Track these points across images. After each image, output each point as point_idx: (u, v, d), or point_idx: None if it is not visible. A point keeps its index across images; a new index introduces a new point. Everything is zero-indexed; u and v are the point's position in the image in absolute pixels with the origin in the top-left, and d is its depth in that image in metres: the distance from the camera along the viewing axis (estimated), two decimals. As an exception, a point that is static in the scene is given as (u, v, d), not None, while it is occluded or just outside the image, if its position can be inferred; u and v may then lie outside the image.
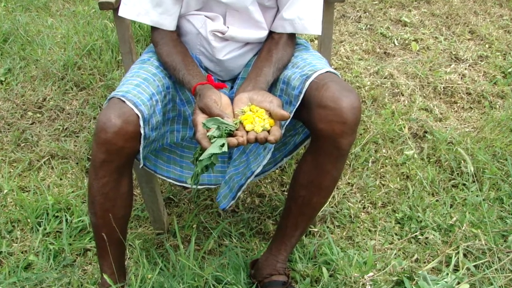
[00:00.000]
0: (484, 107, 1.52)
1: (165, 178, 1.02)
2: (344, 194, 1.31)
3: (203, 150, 0.76)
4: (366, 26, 1.93)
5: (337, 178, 0.91)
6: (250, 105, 0.83)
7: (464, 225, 1.12)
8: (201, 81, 0.87)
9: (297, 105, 0.84)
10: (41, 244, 1.11)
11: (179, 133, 1.00)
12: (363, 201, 1.29)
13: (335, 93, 0.80)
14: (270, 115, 0.81)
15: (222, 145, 0.73)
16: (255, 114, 0.81)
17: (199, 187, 1.00)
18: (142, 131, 0.82)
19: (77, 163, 1.33)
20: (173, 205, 1.29)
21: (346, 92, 0.80)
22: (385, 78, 1.70)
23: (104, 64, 1.63)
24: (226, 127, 0.76)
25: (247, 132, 0.78)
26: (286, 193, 1.31)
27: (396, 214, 1.21)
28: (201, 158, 0.75)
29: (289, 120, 0.85)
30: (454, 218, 1.14)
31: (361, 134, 1.50)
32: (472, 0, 2.08)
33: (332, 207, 1.26)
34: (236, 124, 0.79)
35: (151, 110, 0.85)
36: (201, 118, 0.79)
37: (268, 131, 0.79)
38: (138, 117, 0.81)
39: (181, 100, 0.98)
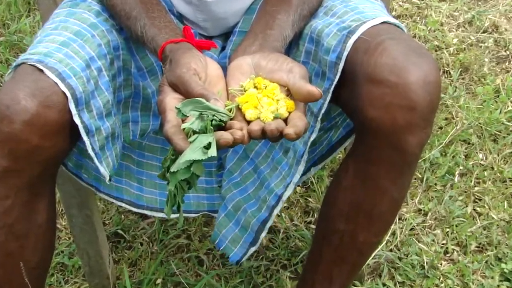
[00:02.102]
0: None
1: (112, 200, 1.06)
2: (411, 229, 1.31)
3: (177, 154, 0.79)
4: None
5: (400, 202, 0.93)
6: (255, 78, 0.85)
7: None
8: (173, 38, 0.88)
9: (336, 78, 0.87)
10: None
11: (136, 125, 1.03)
12: (444, 242, 1.29)
13: (397, 58, 0.82)
14: (289, 93, 0.83)
15: (208, 146, 0.75)
16: (263, 93, 0.83)
17: (172, 215, 1.04)
18: (77, 120, 0.84)
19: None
20: (124, 246, 1.34)
21: (415, 56, 0.82)
22: (484, 32, 1.70)
23: (5, 6, 1.62)
24: (213, 115, 0.78)
25: (249, 122, 0.80)
26: (313, 226, 1.34)
27: (503, 265, 1.23)
28: (173, 168, 0.77)
29: (321, 104, 0.88)
30: None
31: (440, 128, 1.50)
32: None
33: (391, 250, 1.27)
34: (231, 110, 0.81)
35: (90, 84, 0.87)
36: (172, 100, 0.81)
37: (286, 120, 0.80)
38: (66, 97, 0.82)
39: (138, 69, 1.00)
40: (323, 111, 0.89)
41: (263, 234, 1.00)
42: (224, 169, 1.07)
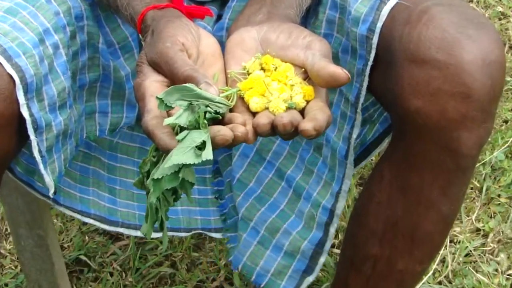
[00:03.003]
0: None
1: (76, 215, 1.07)
2: (467, 255, 1.31)
3: (160, 155, 0.81)
4: None
5: (451, 219, 0.93)
6: (262, 57, 0.86)
7: None
8: (156, 2, 0.89)
9: (371, 57, 0.88)
10: None
11: (104, 117, 1.04)
12: (511, 272, 1.29)
13: (447, 30, 0.82)
14: (306, 76, 0.84)
15: (202, 145, 0.76)
16: (272, 76, 0.84)
17: (154, 235, 1.03)
18: (25, 113, 0.83)
19: None
20: (88, 277, 1.33)
21: (472, 28, 0.82)
22: None
23: None
24: (207, 106, 0.79)
25: (254, 114, 0.81)
26: (337, 250, 1.35)
27: None
28: (156, 174, 0.78)
29: (357, 90, 0.89)
30: None
31: (505, 122, 1.50)
32: None
33: (440, 283, 1.27)
34: (230, 99, 0.82)
35: (43, 66, 0.87)
36: (153, 84, 0.82)
37: (302, 111, 0.81)
38: (13, 81, 0.82)
39: (108, 45, 1.00)
40: (361, 99, 0.89)
41: (322, 259, 1.03)
42: (222, 175, 1.07)
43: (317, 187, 1.01)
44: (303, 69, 0.83)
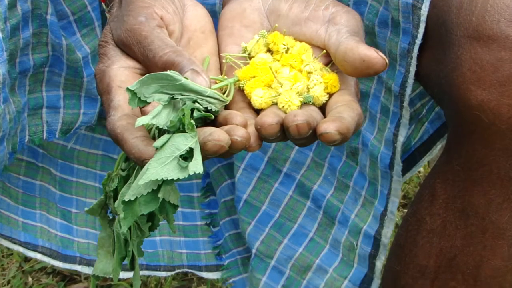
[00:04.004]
0: None
1: (17, 248, 1.07)
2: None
3: (130, 167, 0.82)
4: None
5: None
6: (268, 34, 0.87)
7: None
8: None
9: (419, 34, 0.89)
10: None
11: (55, 114, 1.04)
12: None
13: None
14: (329, 61, 0.85)
15: (188, 154, 0.76)
16: (282, 60, 0.85)
17: (123, 275, 1.04)
18: None
19: None
20: None
21: None
22: None
23: None
24: (195, 101, 0.80)
25: (258, 112, 0.82)
26: None
27: None
28: (128, 194, 0.78)
29: (402, 77, 0.91)
30: None
31: None
32: None
33: None
34: (225, 91, 0.84)
35: None
36: (121, 71, 0.83)
37: (323, 108, 0.82)
38: None
39: (60, 17, 1.01)
40: (409, 89, 0.91)
41: None
42: (215, 193, 1.08)
43: (355, 206, 1.03)
44: (325, 51, 0.84)
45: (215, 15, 0.91)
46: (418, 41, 0.89)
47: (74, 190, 1.09)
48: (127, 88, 0.75)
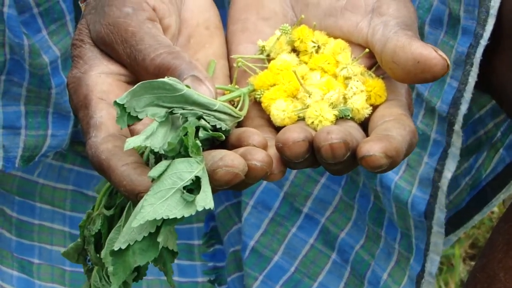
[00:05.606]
0: None
1: None
2: None
3: (117, 203, 0.81)
4: None
5: None
6: (292, 29, 0.84)
7: None
8: None
9: (487, 31, 0.88)
10: None
11: (14, 137, 1.04)
12: None
13: None
14: (373, 64, 0.82)
15: (194, 185, 0.73)
16: (311, 61, 0.83)
17: None
18: None
19: None
20: None
21: None
22: None
23: None
24: (199, 118, 0.77)
25: (278, 129, 0.78)
26: None
27: None
28: (118, 242, 0.75)
29: (455, 88, 0.90)
30: None
31: None
32: None
33: None
34: (236, 105, 0.82)
35: None
36: (103, 79, 0.80)
37: (365, 124, 0.79)
38: None
39: (21, 8, 1.00)
40: (464, 108, 0.88)
41: None
42: (222, 241, 1.07)
43: (388, 263, 1.01)
44: (367, 50, 0.79)
45: (222, 6, 0.88)
46: (484, 42, 0.86)
47: (36, 236, 1.08)
48: (115, 102, 0.71)
